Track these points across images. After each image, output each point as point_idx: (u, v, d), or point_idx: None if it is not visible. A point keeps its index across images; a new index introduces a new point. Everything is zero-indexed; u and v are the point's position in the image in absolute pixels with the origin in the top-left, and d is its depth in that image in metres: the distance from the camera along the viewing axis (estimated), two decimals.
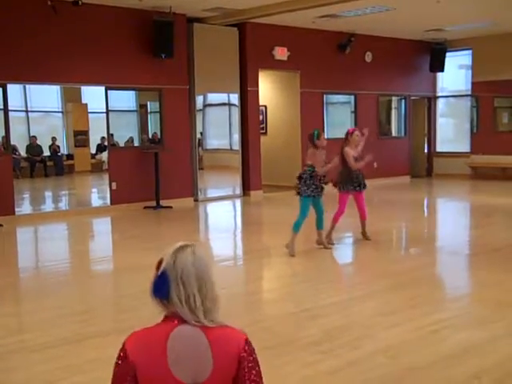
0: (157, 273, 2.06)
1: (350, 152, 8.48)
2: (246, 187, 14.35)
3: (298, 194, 8.00)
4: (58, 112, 15.14)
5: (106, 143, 14.36)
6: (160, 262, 2.07)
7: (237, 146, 14.36)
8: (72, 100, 14.81)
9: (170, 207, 12.56)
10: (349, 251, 8.93)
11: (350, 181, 8.48)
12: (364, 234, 8.89)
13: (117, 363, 2.03)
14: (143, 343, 2.02)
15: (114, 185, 12.41)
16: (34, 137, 14.70)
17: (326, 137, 8.21)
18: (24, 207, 13.12)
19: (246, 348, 2.05)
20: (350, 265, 8.30)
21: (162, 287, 2.03)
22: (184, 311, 2.01)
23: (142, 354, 2.00)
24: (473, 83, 17.37)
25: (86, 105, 14.75)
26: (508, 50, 16.10)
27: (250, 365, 2.04)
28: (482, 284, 6.71)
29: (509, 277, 6.81)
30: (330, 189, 8.52)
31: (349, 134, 8.67)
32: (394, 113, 18.34)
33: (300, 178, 7.99)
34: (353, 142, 8.59)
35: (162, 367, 1.99)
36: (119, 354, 2.02)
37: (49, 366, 4.48)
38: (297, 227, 7.99)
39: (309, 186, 7.89)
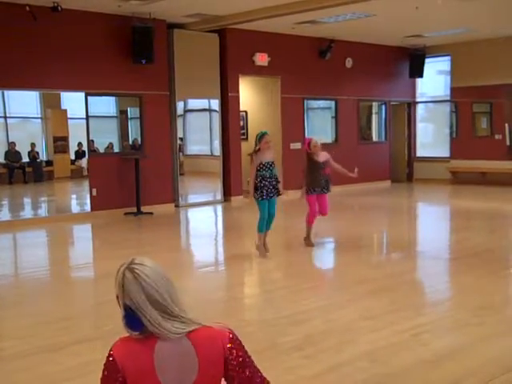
0: (121, 311, 2.03)
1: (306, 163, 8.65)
2: (227, 193, 14.33)
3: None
4: (37, 118, 15.03)
5: (83, 149, 14.28)
6: (117, 298, 2.05)
7: (217, 151, 14.35)
8: (51, 106, 14.70)
9: (151, 213, 12.51)
10: (330, 256, 8.95)
11: (314, 185, 8.60)
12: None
13: (105, 367, 2.00)
14: (131, 349, 2.01)
15: (94, 191, 12.33)
16: (13, 143, 14.57)
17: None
18: (2, 214, 13.00)
19: (231, 347, 2.05)
20: (330, 270, 8.31)
21: (134, 323, 2.00)
22: (162, 332, 1.98)
23: (129, 359, 1.99)
24: (452, 89, 17.53)
25: (66, 111, 14.65)
26: (486, 56, 16.27)
27: (235, 362, 2.04)
28: (462, 288, 6.76)
29: (488, 280, 6.86)
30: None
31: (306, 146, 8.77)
32: (374, 118, 18.45)
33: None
34: (314, 151, 8.66)
35: (148, 373, 1.98)
36: (107, 359, 2.00)
37: (29, 375, 4.42)
38: (260, 228, 8.14)
39: (261, 188, 7.98)
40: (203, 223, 12.49)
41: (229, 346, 2.04)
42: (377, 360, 4.52)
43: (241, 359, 2.06)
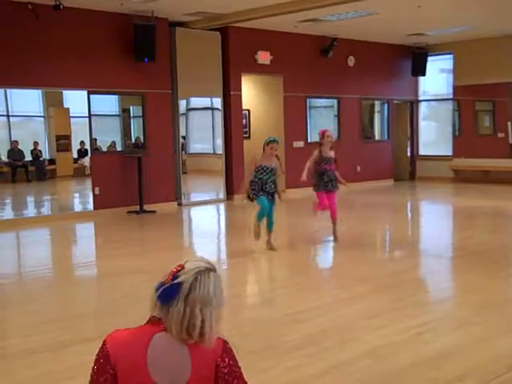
0: (172, 277, 1.99)
1: (314, 154, 8.76)
2: (230, 191, 14.33)
3: (249, 198, 8.25)
4: (40, 116, 15.04)
5: (85, 147, 14.30)
6: (180, 268, 2.01)
7: (220, 150, 14.35)
8: (54, 104, 14.72)
9: (154, 212, 12.51)
10: (332, 254, 8.94)
11: (322, 181, 8.71)
12: (334, 233, 8.95)
13: (97, 357, 2.01)
14: (125, 342, 2.01)
15: (96, 190, 12.34)
16: (16, 141, 14.59)
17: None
18: (6, 212, 13.02)
19: (224, 355, 2.04)
20: (333, 268, 8.31)
21: (168, 295, 1.98)
22: (173, 328, 1.97)
23: (122, 351, 1.98)
24: (454, 87, 17.50)
25: (68, 109, 14.67)
26: (489, 54, 16.24)
27: (226, 370, 2.03)
28: (465, 286, 6.75)
29: (491, 279, 6.86)
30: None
31: (320, 135, 8.90)
32: (376, 116, 18.44)
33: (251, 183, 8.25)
34: (325, 143, 8.77)
35: (140, 368, 1.97)
36: (100, 349, 2.01)
37: (32, 373, 4.43)
38: (259, 217, 8.26)
39: (258, 189, 8.16)
40: (206, 222, 12.49)
41: (222, 352, 2.04)
42: (379, 358, 4.51)
43: (231, 368, 2.05)
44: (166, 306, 1.99)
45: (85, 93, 12.13)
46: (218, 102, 14.23)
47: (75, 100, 13.39)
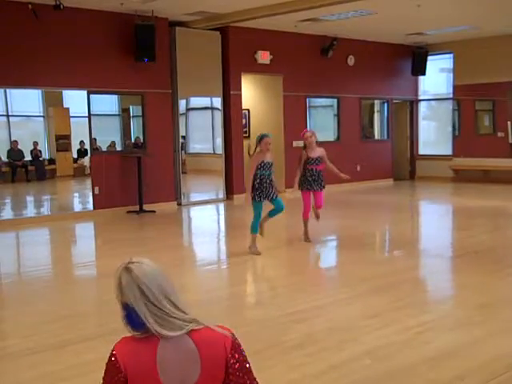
0: (122, 311, 2.04)
1: (303, 156, 8.85)
2: (230, 191, 14.33)
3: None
4: (40, 116, 15.04)
5: (85, 147, 14.29)
6: (117, 298, 2.06)
7: (220, 149, 14.35)
8: (53, 104, 14.72)
9: (153, 211, 12.50)
10: (332, 254, 8.95)
11: (306, 181, 8.73)
12: (306, 233, 8.92)
13: (106, 367, 2.01)
14: (132, 348, 2.01)
15: (96, 189, 12.34)
16: (15, 141, 14.59)
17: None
18: (5, 212, 13.02)
19: (233, 351, 2.04)
20: (333, 268, 8.31)
21: (134, 322, 2.01)
22: (163, 331, 1.98)
23: (130, 358, 1.99)
24: (454, 86, 17.50)
25: (68, 109, 14.66)
26: (489, 54, 16.24)
27: (237, 366, 2.04)
28: (465, 286, 6.75)
29: (491, 279, 6.86)
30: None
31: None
32: (376, 116, 18.43)
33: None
34: (307, 144, 8.85)
35: (150, 372, 1.98)
36: (109, 359, 2.01)
37: (33, 373, 4.43)
38: (253, 228, 8.17)
39: (260, 190, 7.99)
40: (205, 221, 12.48)
41: (231, 349, 2.04)
42: (380, 358, 4.51)
43: (242, 364, 2.06)
44: (142, 326, 2.00)
45: (84, 93, 12.13)
46: (217, 102, 14.23)
47: (75, 100, 13.38)
